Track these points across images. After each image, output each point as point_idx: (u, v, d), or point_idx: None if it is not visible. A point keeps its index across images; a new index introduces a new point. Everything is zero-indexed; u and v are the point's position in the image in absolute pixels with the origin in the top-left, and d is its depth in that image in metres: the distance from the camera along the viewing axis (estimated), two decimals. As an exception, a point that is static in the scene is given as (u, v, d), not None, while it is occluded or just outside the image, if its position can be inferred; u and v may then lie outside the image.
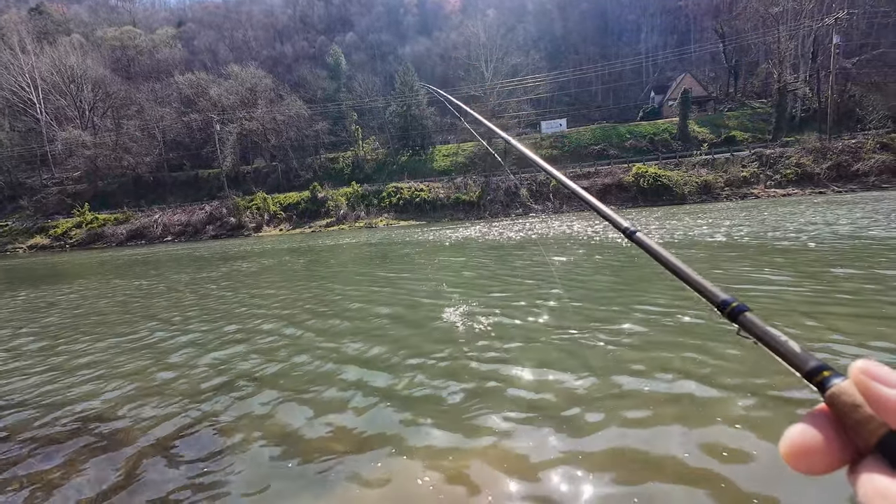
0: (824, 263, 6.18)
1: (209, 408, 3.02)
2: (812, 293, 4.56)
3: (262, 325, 5.15)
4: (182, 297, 7.65)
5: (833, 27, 38.84)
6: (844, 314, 3.82)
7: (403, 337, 4.17)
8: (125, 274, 13.10)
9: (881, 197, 22.55)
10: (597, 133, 49.79)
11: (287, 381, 3.38)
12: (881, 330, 3.37)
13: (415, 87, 53.46)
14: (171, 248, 31.38)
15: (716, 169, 36.20)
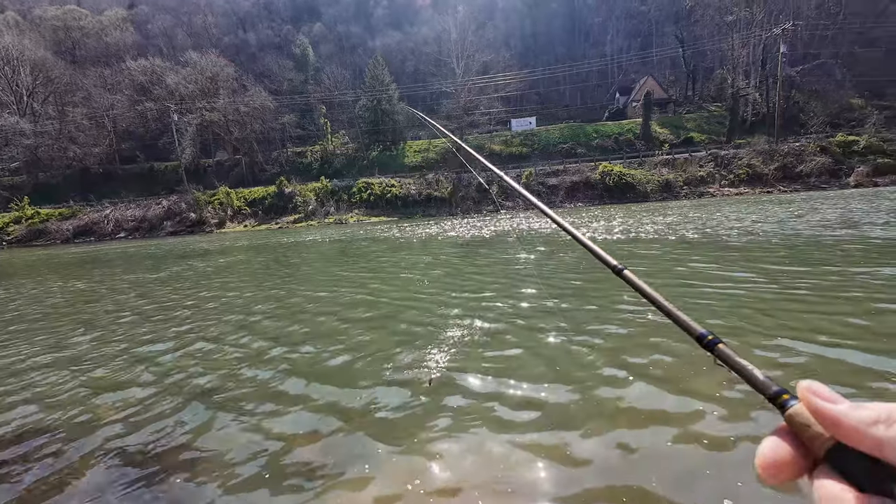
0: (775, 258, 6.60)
1: (129, 433, 2.83)
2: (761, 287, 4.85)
3: (209, 330, 4.84)
4: (126, 301, 7.18)
5: (780, 37, 41.52)
6: (791, 309, 4.08)
7: (366, 343, 4.03)
8: (67, 273, 12.17)
9: (819, 196, 24.39)
10: (565, 132, 50.96)
11: (230, 397, 3.22)
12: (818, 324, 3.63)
13: (385, 81, 52.68)
14: (124, 245, 29.47)
15: (676, 168, 37.94)
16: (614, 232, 12.19)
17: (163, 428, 2.67)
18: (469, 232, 16.41)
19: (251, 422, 2.65)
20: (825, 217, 12.15)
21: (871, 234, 8.33)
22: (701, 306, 4.24)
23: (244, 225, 41.56)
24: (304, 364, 3.54)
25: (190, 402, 2.98)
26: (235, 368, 3.58)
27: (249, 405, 2.88)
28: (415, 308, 4.98)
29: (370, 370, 3.29)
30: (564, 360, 3.14)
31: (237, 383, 3.27)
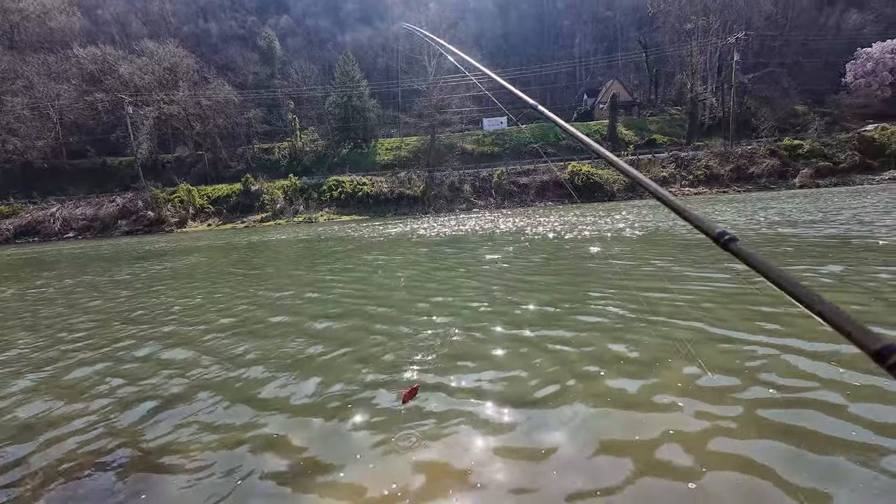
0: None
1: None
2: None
3: (145, 345, 4.44)
4: (59, 311, 6.73)
5: (734, 46, 44.01)
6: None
7: (328, 364, 3.89)
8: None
9: (768, 196, 26.08)
10: (535, 132, 51.92)
11: (194, 406, 3.08)
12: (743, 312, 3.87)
13: (356, 78, 51.77)
14: (72, 245, 27.49)
15: (640, 169, 39.47)
16: (617, 227, 12.53)
17: (120, 438, 2.51)
18: (442, 230, 16.42)
19: (214, 428, 2.53)
20: (768, 216, 13.00)
21: (806, 232, 8.99)
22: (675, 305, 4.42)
23: (207, 224, 39.76)
24: (269, 372, 3.42)
25: (150, 412, 2.82)
26: (199, 376, 3.42)
27: (213, 412, 2.75)
28: (386, 311, 4.92)
29: (340, 376, 3.22)
30: (543, 361, 3.19)
31: (200, 391, 3.11)
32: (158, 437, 2.50)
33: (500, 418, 2.38)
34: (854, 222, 9.84)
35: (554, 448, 2.05)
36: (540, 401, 2.51)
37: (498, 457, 2.04)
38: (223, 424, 2.59)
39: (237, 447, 2.34)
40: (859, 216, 11.09)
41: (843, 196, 20.31)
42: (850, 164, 35.87)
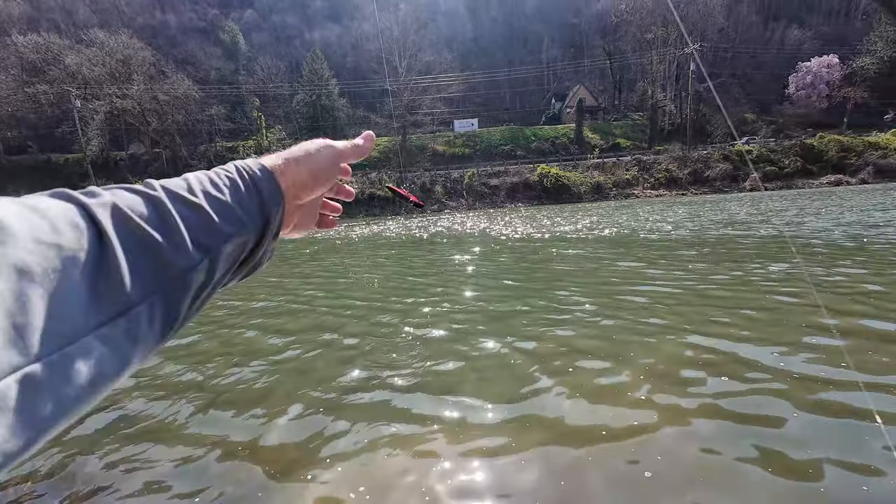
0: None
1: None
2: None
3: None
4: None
5: (690, 55, 46.48)
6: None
7: (301, 356, 3.82)
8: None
9: (721, 199, 27.70)
10: (505, 134, 52.75)
11: (151, 425, 2.93)
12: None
13: (324, 76, 50.79)
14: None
15: (605, 171, 40.93)
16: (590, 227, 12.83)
17: (75, 453, 2.33)
18: (411, 231, 16.35)
19: (180, 432, 2.40)
20: (724, 217, 13.82)
21: (757, 232, 9.63)
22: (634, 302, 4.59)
23: (166, 225, 37.69)
24: (233, 380, 3.29)
25: (115, 419, 2.63)
26: (152, 388, 3.23)
27: (169, 426, 2.61)
28: (354, 316, 4.84)
29: (304, 384, 3.14)
30: (517, 360, 3.24)
31: (155, 404, 2.94)
32: (114, 448, 2.34)
33: (477, 416, 2.39)
34: (793, 224, 10.63)
35: (527, 444, 2.09)
36: (516, 397, 2.55)
37: (475, 456, 2.05)
38: (189, 428, 2.46)
39: (205, 453, 2.22)
40: (795, 218, 11.99)
41: (785, 200, 21.88)
42: (793, 168, 38.73)
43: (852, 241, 7.25)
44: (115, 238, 0.30)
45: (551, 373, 2.84)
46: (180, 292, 0.34)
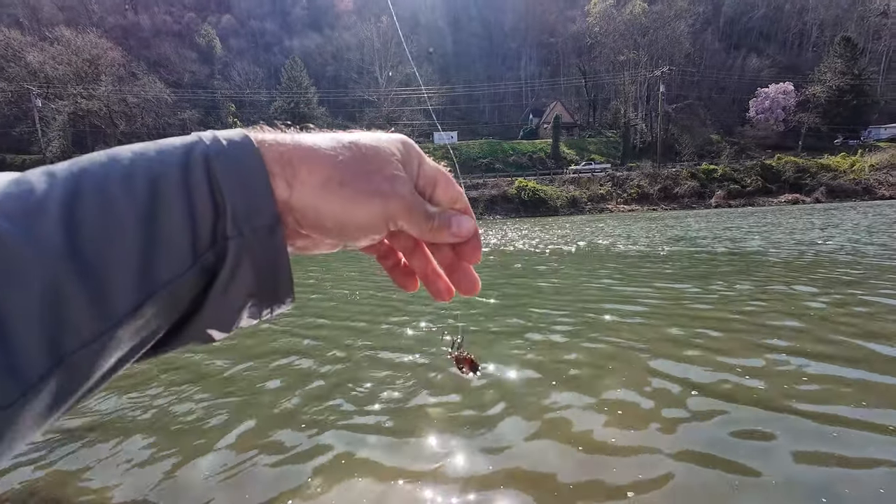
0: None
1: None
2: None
3: None
4: None
5: (659, 78, 48.85)
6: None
7: (289, 381, 3.67)
8: None
9: (690, 214, 28.95)
10: (484, 147, 53.57)
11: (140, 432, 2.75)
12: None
13: (304, 84, 50.42)
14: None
15: (580, 186, 42.08)
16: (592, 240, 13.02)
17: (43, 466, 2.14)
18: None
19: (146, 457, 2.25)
20: (678, 233, 14.42)
21: (716, 249, 10.09)
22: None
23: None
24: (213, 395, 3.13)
25: (86, 429, 2.44)
26: (137, 399, 3.03)
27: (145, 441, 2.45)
28: (318, 337, 4.73)
29: (295, 393, 3.03)
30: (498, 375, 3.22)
31: (138, 414, 2.76)
32: (82, 472, 2.16)
33: (463, 436, 2.35)
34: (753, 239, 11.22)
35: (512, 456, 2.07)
36: (495, 417, 2.53)
37: (460, 475, 2.01)
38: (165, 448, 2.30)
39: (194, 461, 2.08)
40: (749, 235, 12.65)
41: (745, 216, 23.07)
42: (754, 187, 41.00)
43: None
44: None
45: (520, 407, 2.84)
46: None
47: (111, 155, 0.24)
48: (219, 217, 0.25)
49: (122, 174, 0.23)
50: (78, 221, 0.22)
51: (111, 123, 45.77)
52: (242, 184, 0.25)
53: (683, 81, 62.00)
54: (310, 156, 0.28)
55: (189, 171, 0.24)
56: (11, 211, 0.20)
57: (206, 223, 0.24)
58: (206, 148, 0.25)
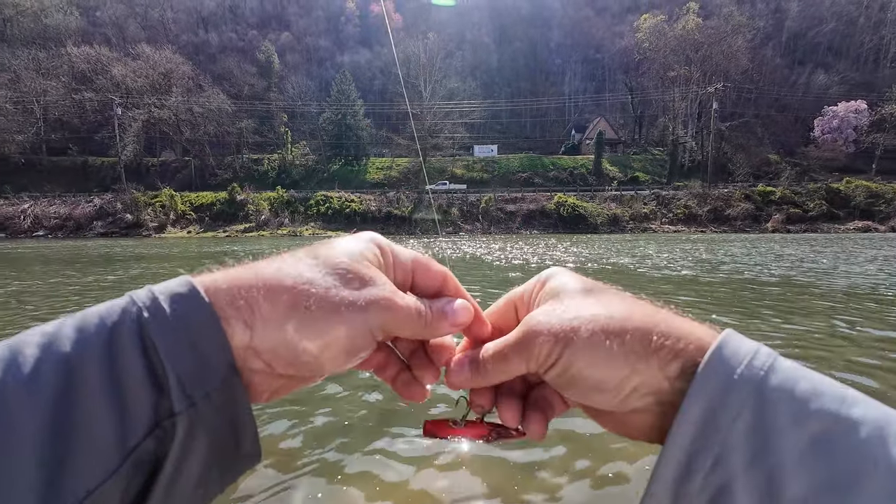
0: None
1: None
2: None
3: None
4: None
5: (713, 95, 46.72)
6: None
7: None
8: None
9: (745, 238, 27.12)
10: (524, 162, 53.31)
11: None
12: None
13: (352, 97, 52.68)
14: (38, 244, 26.37)
15: (623, 204, 40.73)
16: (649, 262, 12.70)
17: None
18: (438, 252, 16.37)
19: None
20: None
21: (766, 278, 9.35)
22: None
23: (187, 231, 38.89)
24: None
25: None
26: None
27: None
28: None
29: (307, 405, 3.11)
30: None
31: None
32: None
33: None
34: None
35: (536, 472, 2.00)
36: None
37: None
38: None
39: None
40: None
41: (812, 243, 21.26)
42: (818, 212, 37.88)
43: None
44: None
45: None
46: None
47: (14, 349, 0.20)
48: (161, 394, 0.21)
49: (26, 378, 0.19)
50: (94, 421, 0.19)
51: (178, 130, 49.94)
52: (190, 344, 0.22)
53: (739, 98, 58.94)
54: (269, 285, 0.24)
55: (115, 351, 0.20)
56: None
57: (142, 408, 0.20)
58: (138, 314, 0.22)
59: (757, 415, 0.21)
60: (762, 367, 0.22)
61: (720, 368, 0.23)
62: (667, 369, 0.24)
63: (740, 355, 0.23)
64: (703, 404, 0.22)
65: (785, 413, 0.21)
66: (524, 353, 0.27)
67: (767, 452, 0.20)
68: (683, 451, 0.22)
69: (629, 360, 0.25)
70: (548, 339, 0.26)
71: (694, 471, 0.22)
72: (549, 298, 0.29)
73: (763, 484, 0.20)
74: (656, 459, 0.24)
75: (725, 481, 0.21)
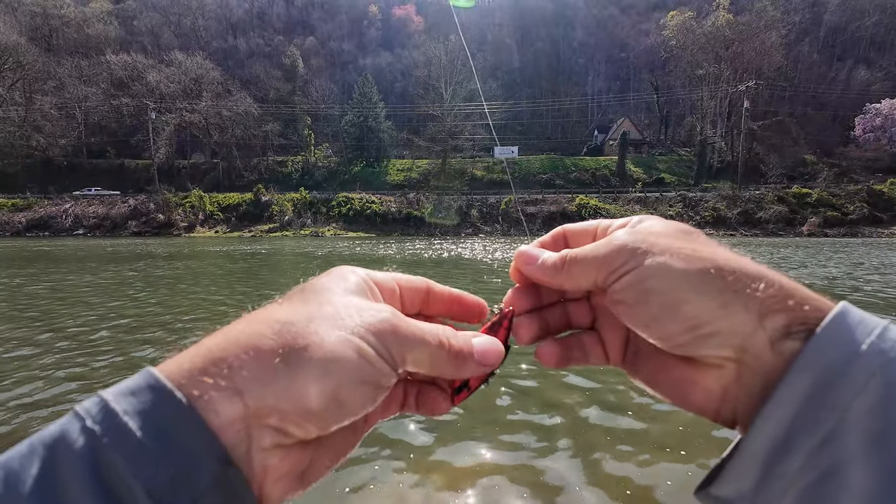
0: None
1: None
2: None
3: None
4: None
5: (744, 93, 44.99)
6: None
7: None
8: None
9: (778, 243, 25.94)
10: (545, 163, 52.69)
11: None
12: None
13: (373, 99, 53.36)
14: (79, 242, 27.80)
15: (647, 206, 39.70)
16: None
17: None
18: (464, 254, 16.42)
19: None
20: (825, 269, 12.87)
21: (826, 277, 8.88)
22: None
23: (215, 231, 40.21)
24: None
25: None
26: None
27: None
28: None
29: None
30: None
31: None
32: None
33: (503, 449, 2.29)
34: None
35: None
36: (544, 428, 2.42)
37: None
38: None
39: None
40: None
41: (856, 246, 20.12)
42: (858, 215, 35.88)
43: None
44: None
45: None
46: None
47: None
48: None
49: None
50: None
51: (207, 133, 51.77)
52: (160, 448, 0.17)
53: (772, 96, 56.54)
54: (246, 338, 0.20)
55: (52, 488, 0.16)
56: None
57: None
58: (82, 431, 0.17)
59: (887, 392, 0.19)
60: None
61: (844, 335, 0.20)
62: (768, 321, 0.21)
63: (868, 326, 0.20)
64: (817, 372, 0.20)
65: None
66: (602, 256, 0.25)
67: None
68: (783, 422, 0.20)
69: (722, 293, 0.22)
70: (628, 247, 0.24)
71: (795, 447, 0.19)
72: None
73: (888, 470, 0.18)
74: (740, 431, 0.22)
75: (837, 462, 0.18)
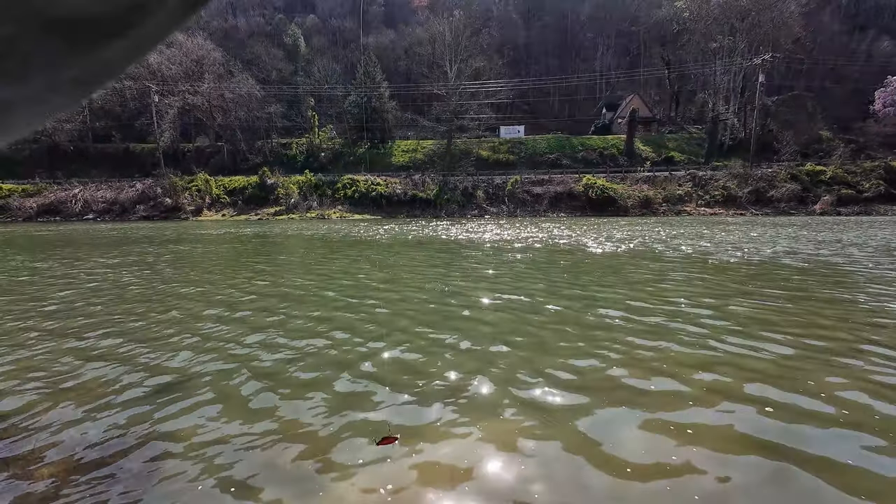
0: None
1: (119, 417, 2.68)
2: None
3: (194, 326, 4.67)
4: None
5: (759, 67, 43.51)
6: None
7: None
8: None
9: (788, 222, 25.51)
10: (552, 142, 51.86)
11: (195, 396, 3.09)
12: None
13: (377, 79, 52.45)
14: (90, 227, 28.14)
15: (656, 185, 39.16)
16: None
17: (130, 422, 2.53)
18: (467, 235, 16.40)
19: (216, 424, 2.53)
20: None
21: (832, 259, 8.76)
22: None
23: (222, 214, 40.49)
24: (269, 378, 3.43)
25: (154, 395, 2.84)
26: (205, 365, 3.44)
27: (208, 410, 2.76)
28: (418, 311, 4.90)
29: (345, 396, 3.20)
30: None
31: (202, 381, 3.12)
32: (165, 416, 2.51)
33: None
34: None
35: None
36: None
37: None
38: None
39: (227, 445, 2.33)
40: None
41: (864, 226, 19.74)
42: (874, 193, 35.13)
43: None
44: None
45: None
46: None
47: None
48: None
49: None
50: None
51: (211, 117, 51.46)
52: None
53: (789, 70, 54.66)
54: None
55: None
56: None
57: None
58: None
59: None
60: None
61: None
62: None
63: None
64: None
65: None
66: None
67: None
68: None
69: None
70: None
71: None
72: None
73: None
74: None
75: None
